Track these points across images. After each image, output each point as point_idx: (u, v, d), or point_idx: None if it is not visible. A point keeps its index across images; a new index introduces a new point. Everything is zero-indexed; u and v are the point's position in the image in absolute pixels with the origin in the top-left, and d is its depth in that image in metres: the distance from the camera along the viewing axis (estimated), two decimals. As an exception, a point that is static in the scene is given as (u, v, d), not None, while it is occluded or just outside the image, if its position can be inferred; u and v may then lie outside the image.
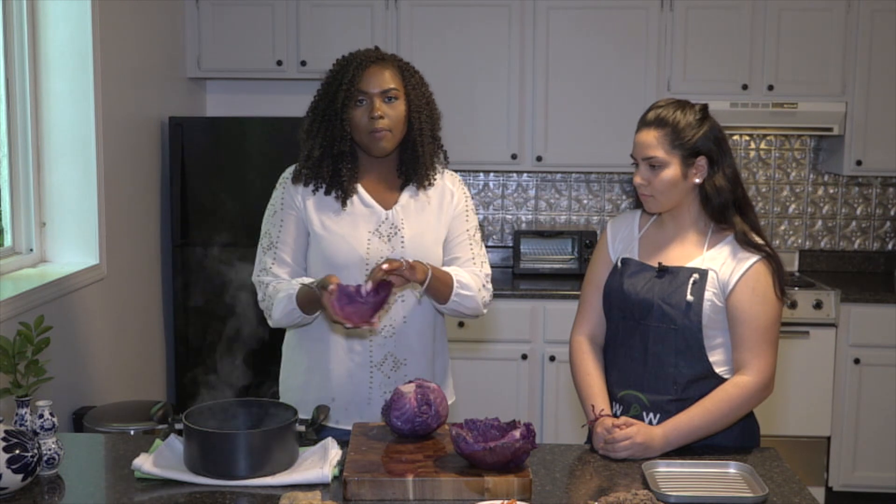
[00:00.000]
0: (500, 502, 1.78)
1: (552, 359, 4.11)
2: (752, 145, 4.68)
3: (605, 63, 4.28)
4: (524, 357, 4.14)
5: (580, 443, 2.24)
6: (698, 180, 2.14)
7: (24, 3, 3.20)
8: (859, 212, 4.69)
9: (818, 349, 4.11)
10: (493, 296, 2.38)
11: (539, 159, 4.34)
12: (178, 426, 1.96)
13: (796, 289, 4.14)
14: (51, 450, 1.92)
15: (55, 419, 1.95)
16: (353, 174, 2.28)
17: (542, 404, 4.16)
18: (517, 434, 1.88)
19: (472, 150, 4.32)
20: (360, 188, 2.29)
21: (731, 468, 1.99)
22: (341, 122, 2.22)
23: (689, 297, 2.11)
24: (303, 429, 1.98)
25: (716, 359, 2.13)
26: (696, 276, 2.13)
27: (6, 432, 1.84)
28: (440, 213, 2.33)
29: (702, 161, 2.13)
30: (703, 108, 2.17)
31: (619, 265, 2.25)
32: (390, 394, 2.24)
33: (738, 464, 1.99)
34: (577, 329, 2.33)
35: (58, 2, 3.28)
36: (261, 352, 2.24)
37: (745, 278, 2.11)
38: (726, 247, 2.15)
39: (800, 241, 4.71)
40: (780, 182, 4.69)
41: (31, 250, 3.32)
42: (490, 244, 4.73)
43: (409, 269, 2.09)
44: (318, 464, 1.94)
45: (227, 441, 1.90)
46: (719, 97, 4.20)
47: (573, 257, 4.52)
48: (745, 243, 2.13)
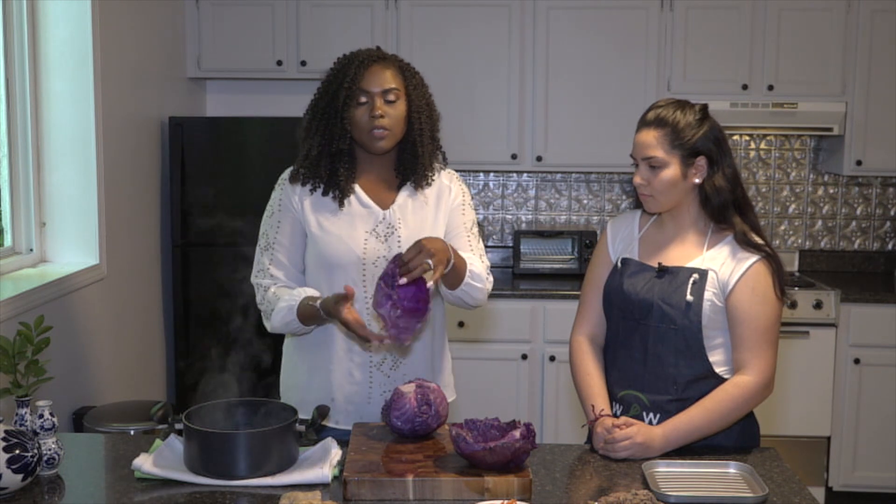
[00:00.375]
0: (500, 502, 1.77)
1: (552, 359, 4.11)
2: (752, 145, 4.68)
3: (605, 63, 4.28)
4: (524, 357, 4.14)
5: (580, 443, 2.24)
6: (698, 180, 2.14)
7: (24, 3, 3.19)
8: (859, 212, 4.69)
9: (818, 349, 4.11)
10: (493, 296, 2.37)
11: (539, 159, 4.34)
12: (178, 426, 1.96)
13: (796, 289, 4.14)
14: (51, 450, 1.92)
15: (55, 419, 1.95)
16: (351, 173, 2.28)
17: (542, 404, 4.16)
18: (517, 434, 1.88)
19: (472, 150, 4.32)
20: (357, 188, 2.28)
21: (731, 468, 1.99)
22: (342, 121, 2.22)
23: (689, 297, 2.11)
24: (303, 429, 1.98)
25: (716, 359, 2.13)
26: (695, 276, 2.13)
27: (6, 432, 1.84)
28: (438, 212, 2.32)
29: (701, 161, 2.13)
30: (703, 108, 2.17)
31: (619, 265, 2.25)
32: (390, 394, 2.24)
33: (738, 464, 1.99)
34: (577, 329, 2.32)
35: (58, 2, 3.28)
36: (261, 352, 2.24)
37: (744, 278, 2.11)
38: (726, 247, 2.15)
39: (800, 241, 4.71)
40: (780, 182, 4.69)
41: (31, 250, 3.32)
42: (490, 244, 4.73)
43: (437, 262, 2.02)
44: (318, 464, 1.94)
45: (227, 441, 1.90)
46: (719, 97, 4.20)
47: (573, 257, 4.52)
48: (744, 243, 2.13)
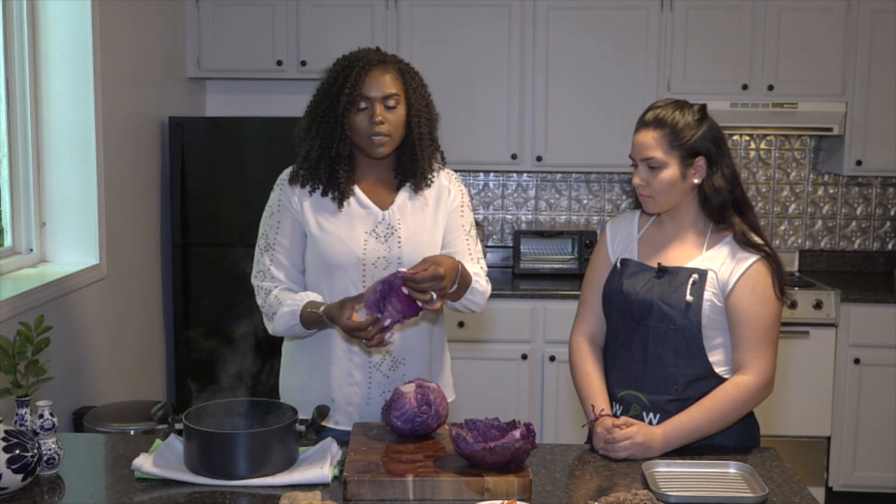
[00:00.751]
0: (500, 502, 1.77)
1: (552, 359, 4.11)
2: (752, 145, 4.68)
3: (605, 63, 4.28)
4: (524, 357, 4.14)
5: (580, 443, 2.24)
6: (697, 181, 2.14)
7: (24, 3, 3.19)
8: (859, 212, 4.69)
9: (818, 349, 4.11)
10: (493, 296, 2.37)
11: (539, 159, 4.34)
12: (178, 426, 1.96)
13: (796, 289, 4.14)
14: (51, 450, 1.92)
15: (55, 419, 1.95)
16: (351, 176, 2.27)
17: (542, 404, 4.16)
18: (517, 434, 1.88)
19: (472, 150, 4.32)
20: (356, 189, 2.28)
21: (731, 468, 1.99)
22: (341, 126, 2.22)
23: (689, 298, 2.11)
24: (303, 429, 1.98)
25: (716, 359, 2.13)
26: (695, 276, 2.13)
27: (6, 432, 1.84)
28: (437, 212, 2.32)
29: (700, 161, 2.13)
30: (702, 109, 2.17)
31: (619, 266, 2.24)
32: (389, 394, 2.24)
33: (738, 464, 1.99)
34: (576, 329, 2.32)
35: (58, 2, 3.28)
36: (261, 352, 2.23)
37: (744, 278, 2.11)
38: (725, 247, 2.15)
39: (800, 241, 4.71)
40: (780, 182, 4.69)
41: (31, 250, 3.32)
42: (490, 244, 4.72)
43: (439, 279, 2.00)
44: (318, 464, 1.94)
45: (227, 441, 1.90)
46: (719, 97, 4.20)
47: (573, 257, 4.52)
48: (744, 243, 2.13)
